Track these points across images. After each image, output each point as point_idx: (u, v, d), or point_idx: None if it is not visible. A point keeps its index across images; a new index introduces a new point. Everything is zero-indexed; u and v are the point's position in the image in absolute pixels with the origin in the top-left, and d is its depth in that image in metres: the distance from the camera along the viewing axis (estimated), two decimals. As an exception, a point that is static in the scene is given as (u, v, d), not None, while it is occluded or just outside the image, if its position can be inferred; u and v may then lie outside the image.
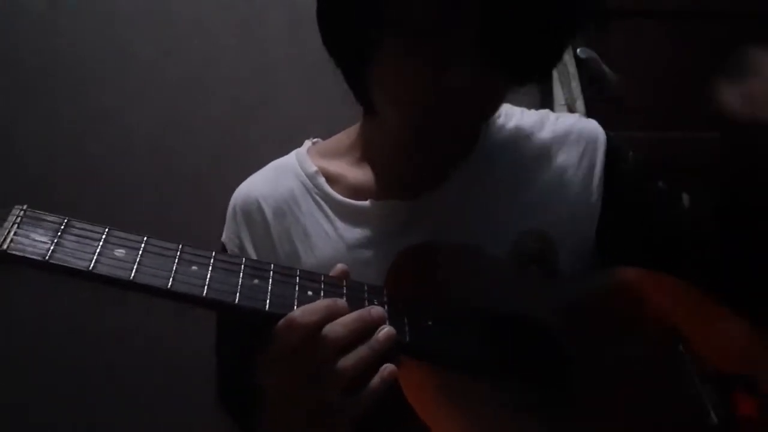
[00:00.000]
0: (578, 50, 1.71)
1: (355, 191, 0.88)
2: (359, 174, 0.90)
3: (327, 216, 0.88)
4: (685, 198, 0.92)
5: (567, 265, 0.83)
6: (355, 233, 0.86)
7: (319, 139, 0.98)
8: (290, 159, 0.94)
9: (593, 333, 0.77)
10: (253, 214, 0.90)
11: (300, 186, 0.91)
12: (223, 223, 0.94)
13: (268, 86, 1.68)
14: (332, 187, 0.89)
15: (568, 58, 1.67)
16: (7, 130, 1.62)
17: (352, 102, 0.87)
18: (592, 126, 0.92)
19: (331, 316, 0.65)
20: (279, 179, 0.92)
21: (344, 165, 0.91)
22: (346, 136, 0.95)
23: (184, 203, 1.62)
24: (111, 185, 1.62)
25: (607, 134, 0.91)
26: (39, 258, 0.61)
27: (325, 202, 0.89)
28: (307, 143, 0.97)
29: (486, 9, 0.71)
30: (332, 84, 0.86)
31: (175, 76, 1.67)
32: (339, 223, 0.87)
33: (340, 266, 0.72)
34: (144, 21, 1.67)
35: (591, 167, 0.88)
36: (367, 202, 0.87)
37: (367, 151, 0.91)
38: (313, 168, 0.91)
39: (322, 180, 0.90)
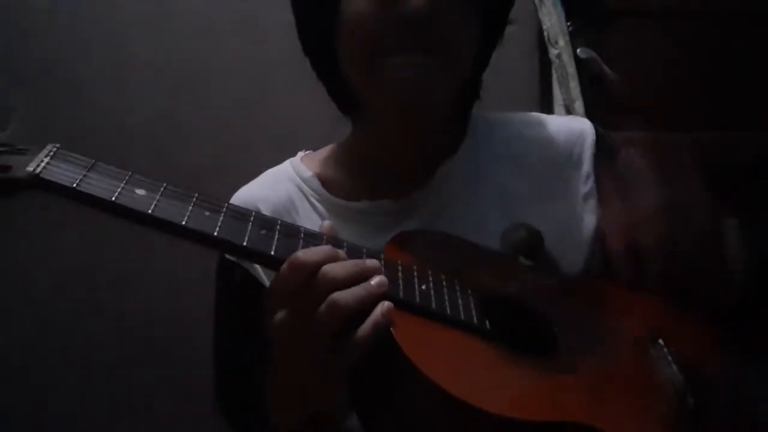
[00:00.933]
0: (578, 50, 1.71)
1: (350, 193, 0.91)
2: (353, 177, 0.93)
3: (323, 217, 0.91)
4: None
5: (559, 261, 0.86)
6: (350, 232, 0.86)
7: (310, 151, 1.01)
8: (285, 166, 0.97)
9: (580, 320, 0.79)
10: None
11: (296, 190, 0.93)
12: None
13: (268, 86, 1.69)
14: (327, 190, 0.92)
15: (567, 58, 1.67)
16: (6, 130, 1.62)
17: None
18: (581, 123, 0.95)
19: (332, 259, 0.68)
20: (276, 184, 0.95)
21: (338, 170, 0.94)
22: (337, 146, 0.99)
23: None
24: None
25: (596, 130, 0.94)
26: (68, 184, 0.66)
27: (321, 204, 0.92)
28: (300, 153, 1.00)
29: None
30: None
31: (175, 76, 1.67)
32: (335, 223, 0.88)
33: (327, 222, 0.75)
34: (144, 21, 1.67)
35: (579, 163, 0.91)
36: (362, 203, 0.90)
37: (359, 156, 0.94)
38: (309, 173, 0.94)
39: (317, 183, 0.93)
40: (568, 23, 1.72)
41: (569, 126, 0.95)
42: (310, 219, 0.91)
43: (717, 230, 0.90)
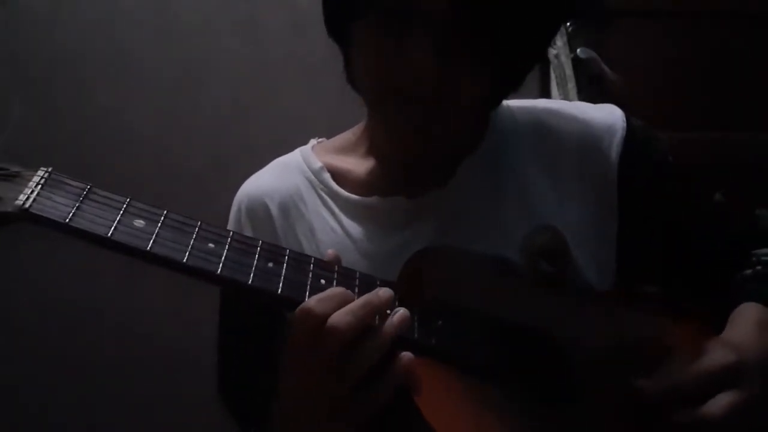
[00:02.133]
0: (578, 50, 1.71)
1: (361, 187, 0.88)
2: (365, 170, 0.89)
3: (332, 212, 0.87)
4: (719, 196, 0.90)
5: (584, 264, 0.82)
6: (360, 229, 0.86)
7: (324, 139, 0.98)
8: (295, 156, 0.94)
9: (600, 348, 0.76)
10: (258, 212, 0.90)
11: (305, 182, 0.90)
12: (222, 222, 0.94)
13: (268, 86, 1.68)
14: (338, 183, 0.89)
15: (564, 59, 1.67)
16: (6, 129, 1.62)
17: (353, 101, 0.87)
18: (611, 115, 0.88)
19: (343, 305, 0.65)
20: (284, 175, 0.92)
21: (350, 161, 0.91)
22: (352, 133, 0.95)
23: (184, 203, 1.61)
24: (110, 185, 1.61)
25: (630, 123, 0.87)
26: (60, 220, 0.62)
27: (330, 197, 0.88)
28: (312, 141, 0.96)
29: None
30: (333, 84, 0.86)
31: (175, 76, 1.67)
32: (344, 219, 0.87)
33: (331, 251, 0.72)
34: (144, 21, 1.67)
35: (606, 160, 0.85)
36: (373, 198, 0.86)
37: (372, 148, 0.90)
38: (318, 164, 0.90)
39: (327, 176, 0.89)
40: (568, 23, 1.72)
41: (598, 118, 0.88)
42: (318, 213, 0.88)
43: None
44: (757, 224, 0.91)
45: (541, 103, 0.93)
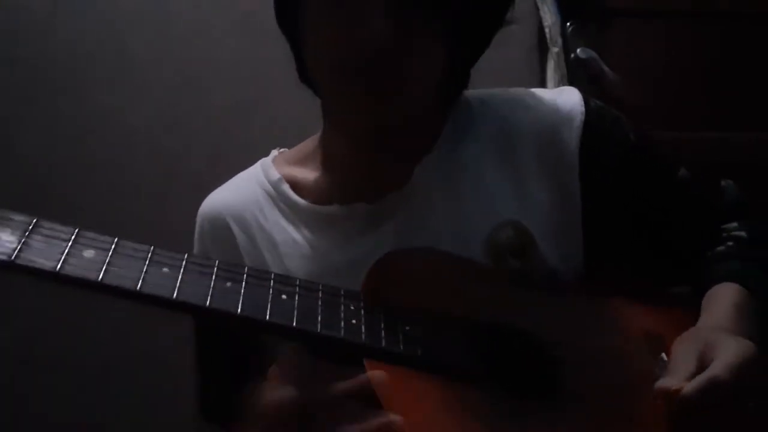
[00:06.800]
0: (578, 50, 1.71)
1: (321, 196, 0.86)
2: (324, 179, 0.88)
3: (293, 223, 0.86)
4: (683, 172, 0.89)
5: (551, 255, 0.81)
6: (322, 239, 0.84)
7: (285, 149, 0.96)
8: (255, 169, 0.93)
9: (579, 341, 0.75)
10: (218, 228, 0.89)
11: (264, 194, 0.89)
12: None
13: (267, 86, 1.68)
14: (298, 193, 0.87)
15: (559, 60, 1.67)
16: (7, 130, 1.62)
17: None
18: (570, 101, 0.87)
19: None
20: (242, 190, 0.91)
21: (309, 171, 0.89)
22: (311, 141, 0.93)
23: (184, 203, 1.61)
24: (111, 185, 1.62)
25: (588, 106, 0.86)
26: (4, 258, 0.59)
27: (290, 209, 0.87)
28: (274, 152, 0.95)
29: None
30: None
31: (175, 76, 1.67)
32: (306, 230, 0.85)
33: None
34: (144, 21, 1.67)
35: (566, 147, 0.84)
36: (333, 207, 0.85)
37: (329, 155, 0.89)
38: (277, 175, 0.89)
39: (286, 187, 0.88)
40: (568, 23, 1.72)
41: (556, 105, 0.86)
42: (279, 225, 0.86)
43: None
44: (724, 196, 0.90)
45: (498, 92, 0.91)
